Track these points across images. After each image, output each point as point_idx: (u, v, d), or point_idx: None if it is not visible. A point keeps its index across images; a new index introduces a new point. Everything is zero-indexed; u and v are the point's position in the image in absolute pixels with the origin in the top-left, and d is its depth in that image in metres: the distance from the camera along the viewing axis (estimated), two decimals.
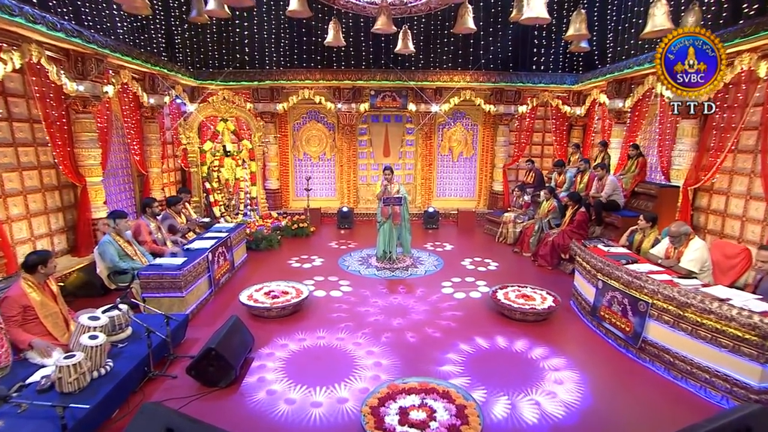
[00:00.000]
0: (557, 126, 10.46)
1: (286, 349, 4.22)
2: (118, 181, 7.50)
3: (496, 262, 7.21)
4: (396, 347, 4.27)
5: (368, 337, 4.46)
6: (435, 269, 6.80)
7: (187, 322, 4.28)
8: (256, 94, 9.46)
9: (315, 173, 10.55)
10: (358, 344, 4.32)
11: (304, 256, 7.35)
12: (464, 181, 10.92)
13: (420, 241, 8.37)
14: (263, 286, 5.30)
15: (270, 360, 4.02)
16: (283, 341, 4.37)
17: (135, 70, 7.10)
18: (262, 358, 4.05)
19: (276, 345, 4.29)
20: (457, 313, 5.15)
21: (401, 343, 4.36)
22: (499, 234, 8.64)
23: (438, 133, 10.57)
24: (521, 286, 5.47)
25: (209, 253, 5.25)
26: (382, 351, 4.19)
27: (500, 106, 9.90)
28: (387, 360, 4.03)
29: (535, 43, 10.11)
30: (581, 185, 7.85)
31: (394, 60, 9.63)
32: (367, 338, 4.44)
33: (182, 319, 4.12)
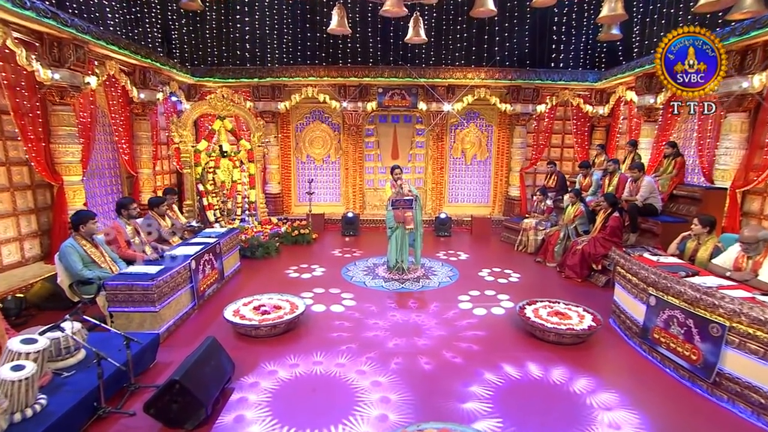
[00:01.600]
0: (578, 127, 9.74)
1: (275, 377, 3.50)
2: (104, 182, 6.91)
3: (517, 273, 6.46)
4: (408, 376, 3.53)
5: (374, 364, 3.71)
6: (450, 281, 6.06)
7: (157, 343, 3.59)
8: (256, 92, 8.88)
9: (319, 177, 9.91)
10: (361, 372, 3.58)
11: (303, 265, 6.65)
12: (478, 186, 10.20)
13: (431, 249, 7.64)
14: (253, 299, 4.60)
15: (253, 391, 3.30)
16: (271, 366, 3.65)
17: (123, 62, 6.55)
18: (243, 389, 3.33)
19: (262, 372, 3.58)
20: (478, 332, 4.40)
21: (414, 371, 3.62)
22: (518, 242, 7.89)
23: (450, 134, 9.89)
24: (552, 301, 4.71)
25: (192, 261, 4.58)
26: (390, 382, 3.45)
27: (517, 105, 9.22)
28: (397, 394, 3.28)
29: (554, 38, 9.45)
30: (610, 188, 7.09)
31: (403, 56, 9.03)
32: (372, 365, 3.69)
33: (150, 339, 3.43)
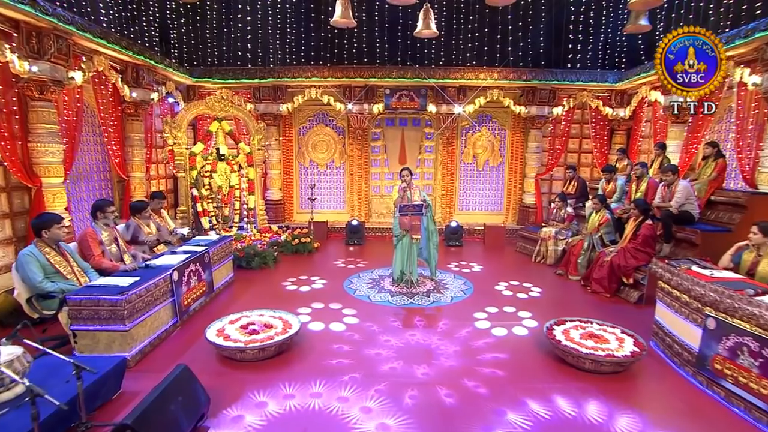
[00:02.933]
0: (597, 130, 9.17)
1: (263, 411, 2.94)
2: (92, 185, 6.47)
3: (537, 287, 5.86)
4: (425, 416, 2.91)
5: (384, 400, 3.08)
6: (463, 295, 5.48)
7: (123, 369, 3.05)
8: (257, 94, 8.45)
9: (322, 182, 9.41)
10: (367, 411, 2.96)
11: (303, 276, 6.11)
12: (490, 193, 9.63)
13: (442, 260, 7.05)
14: (241, 316, 4.05)
15: (235, 428, 2.75)
16: (260, 397, 3.10)
17: (114, 58, 6.14)
18: (223, 424, 2.77)
19: (249, 403, 3.02)
20: (499, 355, 3.81)
21: (433, 408, 3.01)
22: (536, 253, 7.30)
23: (461, 138, 9.37)
24: (584, 320, 4.11)
25: (174, 272, 4.06)
26: (405, 425, 2.86)
27: (532, 107, 8.69)
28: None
29: (570, 37, 8.95)
30: (638, 193, 6.48)
31: (412, 55, 8.57)
32: (382, 401, 3.06)
33: (114, 365, 2.89)
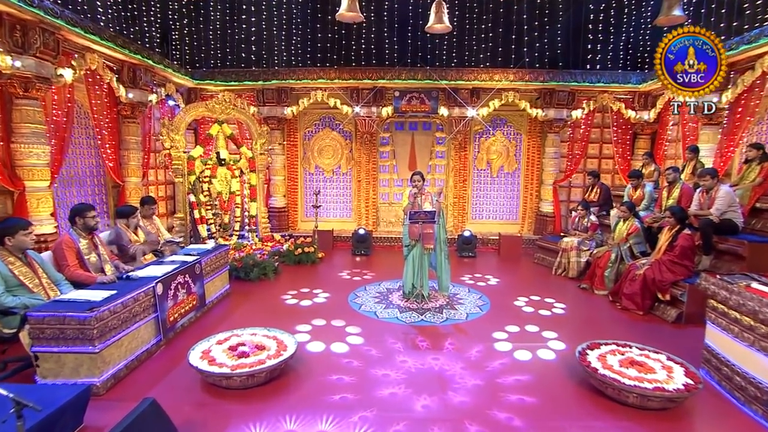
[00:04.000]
0: (619, 135, 8.65)
1: None
2: (85, 191, 6.13)
3: (561, 302, 5.32)
4: None
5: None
6: (480, 312, 4.96)
7: (86, 400, 2.60)
8: (260, 96, 8.12)
9: (328, 189, 9.00)
10: None
11: (304, 289, 5.65)
12: (505, 201, 9.13)
13: (455, 272, 6.53)
14: (231, 335, 3.59)
15: None
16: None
17: (108, 57, 5.84)
18: None
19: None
20: (522, 377, 3.31)
21: None
22: (556, 265, 6.75)
23: (474, 143, 8.92)
24: (621, 344, 3.57)
25: (157, 285, 3.63)
26: None
27: (550, 110, 8.23)
28: None
29: (590, 37, 8.50)
30: (669, 200, 5.93)
31: (422, 56, 8.19)
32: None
33: (74, 395, 2.45)
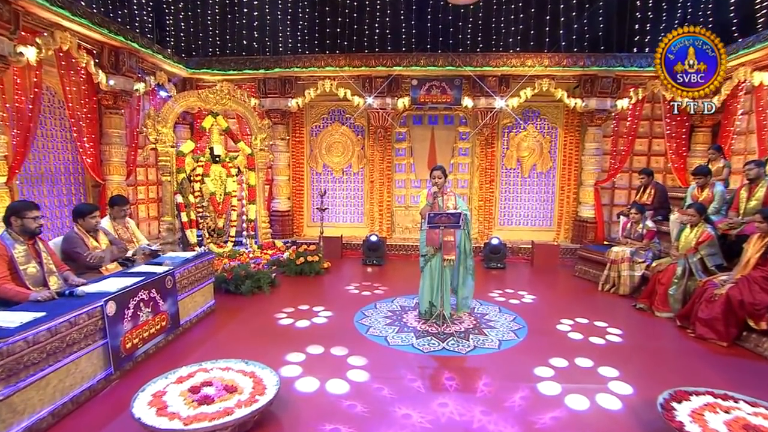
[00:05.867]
0: (672, 128, 7.45)
1: None
2: (59, 189, 5.44)
3: (615, 327, 4.28)
4: None
5: None
6: (516, 338, 3.97)
7: None
8: (262, 87, 7.34)
9: (337, 191, 8.15)
10: None
11: (303, 306, 4.76)
12: (538, 204, 8.07)
13: (482, 286, 5.53)
14: (198, 369, 2.71)
15: None
16: None
17: (85, 37, 5.16)
18: None
19: None
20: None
21: None
22: (603, 279, 5.69)
23: (503, 138, 7.91)
24: (719, 394, 2.52)
25: (108, 304, 2.80)
26: None
27: (590, 100, 7.16)
28: None
29: (638, 15, 7.41)
30: (752, 201, 4.82)
31: (444, 40, 7.28)
32: None
33: None
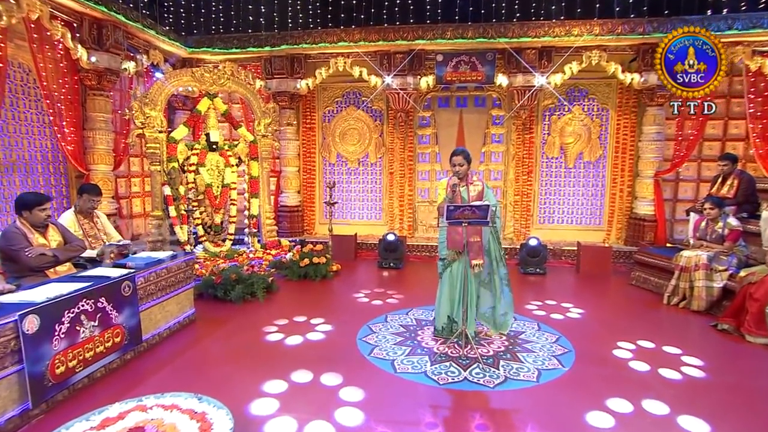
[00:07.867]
0: (757, 106, 6.08)
1: None
2: (35, 179, 4.91)
3: (693, 355, 3.24)
4: None
5: None
6: (560, 367, 3.02)
7: None
8: (268, 67, 6.62)
9: (353, 184, 7.34)
10: None
11: (300, 317, 3.96)
12: (585, 199, 6.96)
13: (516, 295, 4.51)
14: (135, 407, 1.96)
15: None
16: None
17: (59, 6, 4.57)
18: None
19: None
20: None
21: None
22: (670, 290, 4.59)
23: (543, 122, 6.85)
24: None
25: (26, 319, 2.10)
26: None
27: (651, 74, 5.95)
28: None
29: None
30: None
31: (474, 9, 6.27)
32: None
33: None
